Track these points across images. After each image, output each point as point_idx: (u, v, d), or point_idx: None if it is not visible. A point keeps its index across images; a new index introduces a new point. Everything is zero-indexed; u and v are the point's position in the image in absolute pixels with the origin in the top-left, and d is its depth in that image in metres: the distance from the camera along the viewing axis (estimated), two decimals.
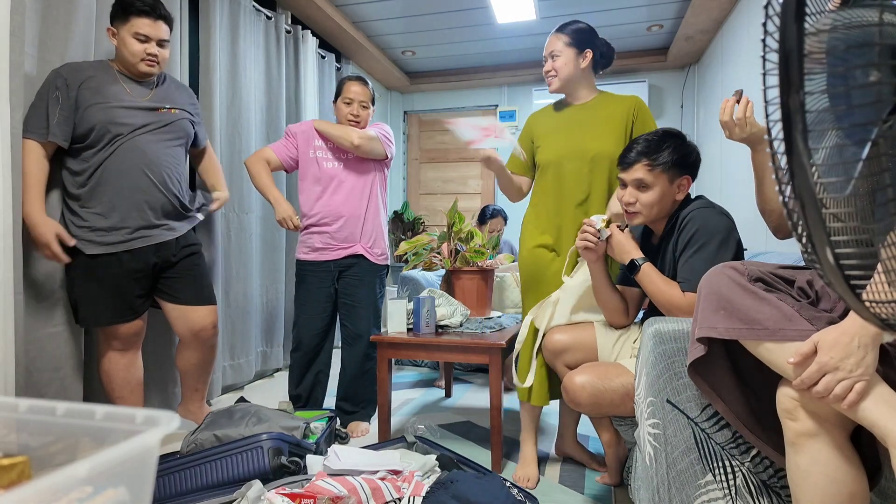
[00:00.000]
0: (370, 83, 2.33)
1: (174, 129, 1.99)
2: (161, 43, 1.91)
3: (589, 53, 1.80)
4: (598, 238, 1.52)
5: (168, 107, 1.98)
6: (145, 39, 1.87)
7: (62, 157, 1.84)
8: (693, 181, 1.49)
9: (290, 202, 2.31)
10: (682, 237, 1.40)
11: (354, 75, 2.35)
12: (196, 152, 2.23)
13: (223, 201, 2.26)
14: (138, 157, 1.88)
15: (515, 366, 1.83)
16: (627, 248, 1.50)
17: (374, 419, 2.33)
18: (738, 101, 1.25)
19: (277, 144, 2.33)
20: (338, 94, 2.31)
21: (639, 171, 1.46)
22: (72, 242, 1.79)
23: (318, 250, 2.28)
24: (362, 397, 2.32)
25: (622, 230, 1.54)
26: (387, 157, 2.34)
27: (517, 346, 1.80)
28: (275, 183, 2.31)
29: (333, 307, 2.35)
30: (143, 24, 1.86)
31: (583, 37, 1.80)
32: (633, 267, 1.47)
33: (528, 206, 1.93)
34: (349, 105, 2.26)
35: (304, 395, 2.34)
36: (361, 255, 2.29)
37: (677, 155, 1.44)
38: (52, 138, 1.75)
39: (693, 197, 1.51)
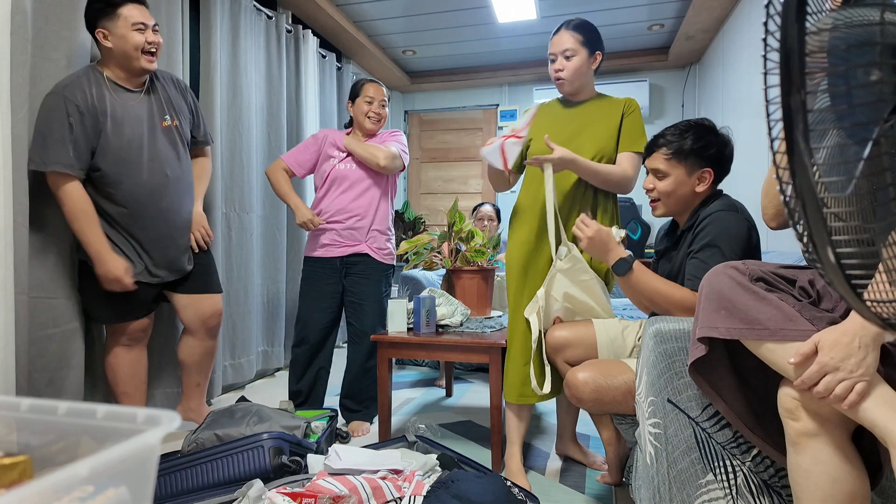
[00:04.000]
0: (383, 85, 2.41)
1: (181, 143, 1.97)
2: (155, 28, 1.85)
3: (599, 56, 1.78)
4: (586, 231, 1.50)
5: (167, 118, 1.93)
6: (144, 27, 1.80)
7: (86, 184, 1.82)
8: (718, 174, 1.46)
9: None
10: (699, 238, 1.38)
11: (368, 77, 2.44)
12: (196, 150, 2.16)
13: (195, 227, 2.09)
14: (159, 183, 1.87)
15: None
16: (611, 245, 1.45)
17: (375, 419, 2.34)
18: None
19: (289, 155, 2.43)
20: (356, 95, 2.36)
21: (656, 160, 1.47)
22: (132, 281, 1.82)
23: (324, 246, 2.33)
24: (365, 395, 2.33)
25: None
26: (403, 169, 2.43)
27: (534, 346, 1.70)
28: (293, 189, 2.40)
29: (339, 304, 2.39)
30: (137, 11, 1.79)
31: (594, 37, 1.77)
32: (622, 266, 1.42)
33: (516, 200, 1.89)
34: (371, 104, 2.33)
35: (306, 391, 2.35)
36: (367, 254, 2.33)
37: (697, 145, 1.43)
38: (69, 170, 1.71)
39: (721, 194, 1.47)
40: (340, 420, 2.33)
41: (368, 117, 2.33)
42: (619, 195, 1.84)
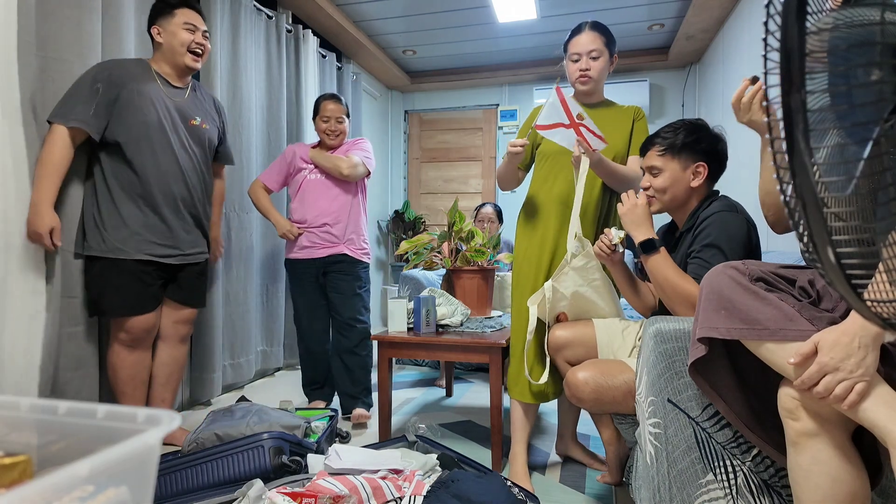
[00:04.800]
0: (343, 99, 2.54)
1: (204, 144, 2.06)
2: (205, 34, 1.99)
3: (616, 58, 1.86)
4: (613, 250, 1.55)
5: (197, 119, 2.03)
6: (194, 29, 1.95)
7: (100, 153, 1.87)
8: (712, 170, 1.46)
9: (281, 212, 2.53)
10: (700, 239, 1.38)
11: (328, 93, 2.56)
12: (215, 165, 2.25)
13: (214, 253, 2.32)
14: (173, 169, 1.93)
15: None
16: (647, 222, 1.45)
17: (375, 417, 2.34)
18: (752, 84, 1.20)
19: (265, 174, 2.59)
20: (315, 113, 2.51)
21: (651, 157, 1.50)
22: (58, 244, 1.74)
23: (305, 248, 2.47)
24: (361, 385, 2.43)
25: (617, 247, 1.54)
26: (369, 174, 2.56)
27: (529, 337, 1.70)
28: (273, 205, 2.57)
29: (326, 299, 2.53)
30: (191, 15, 1.94)
31: (613, 41, 1.84)
32: (649, 246, 1.41)
33: (527, 196, 1.91)
34: (327, 122, 2.47)
35: (321, 379, 2.57)
36: (345, 254, 2.47)
37: (689, 139, 1.45)
38: (85, 126, 1.76)
39: (719, 195, 1.48)
40: (340, 417, 2.34)
41: (326, 134, 2.47)
42: None
